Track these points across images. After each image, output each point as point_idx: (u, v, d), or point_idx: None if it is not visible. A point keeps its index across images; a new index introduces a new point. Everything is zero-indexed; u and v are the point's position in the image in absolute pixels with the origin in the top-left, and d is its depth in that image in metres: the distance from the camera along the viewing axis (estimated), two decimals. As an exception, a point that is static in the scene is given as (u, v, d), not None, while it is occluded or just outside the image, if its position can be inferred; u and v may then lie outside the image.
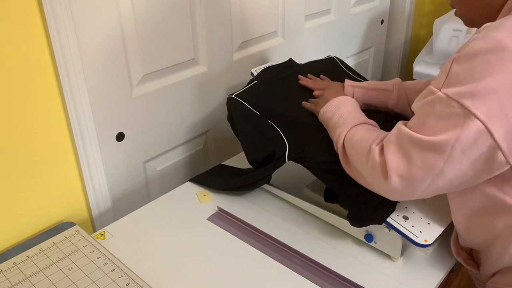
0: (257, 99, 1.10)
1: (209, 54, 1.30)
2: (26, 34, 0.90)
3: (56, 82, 0.97)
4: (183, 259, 0.93)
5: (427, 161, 0.71)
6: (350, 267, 0.91)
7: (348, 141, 0.88)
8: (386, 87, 1.08)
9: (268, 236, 0.99)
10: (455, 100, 0.68)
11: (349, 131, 0.89)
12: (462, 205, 0.80)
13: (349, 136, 0.88)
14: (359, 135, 0.87)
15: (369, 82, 1.11)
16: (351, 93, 1.08)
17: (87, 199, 1.11)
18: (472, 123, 0.66)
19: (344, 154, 0.89)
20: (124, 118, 1.14)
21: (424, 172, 0.72)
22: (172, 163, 1.33)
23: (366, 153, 0.81)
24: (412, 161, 0.73)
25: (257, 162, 1.05)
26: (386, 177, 0.76)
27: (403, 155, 0.74)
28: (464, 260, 0.89)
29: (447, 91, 0.69)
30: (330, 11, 1.72)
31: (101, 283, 0.85)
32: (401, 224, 0.88)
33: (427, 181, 0.73)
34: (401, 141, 0.75)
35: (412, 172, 0.73)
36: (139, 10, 1.09)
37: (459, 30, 1.64)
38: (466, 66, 0.68)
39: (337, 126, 0.93)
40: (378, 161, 0.78)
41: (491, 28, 0.68)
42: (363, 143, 0.83)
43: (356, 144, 0.85)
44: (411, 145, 0.73)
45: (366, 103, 1.10)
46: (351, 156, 0.87)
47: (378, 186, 0.80)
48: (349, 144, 0.88)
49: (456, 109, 0.68)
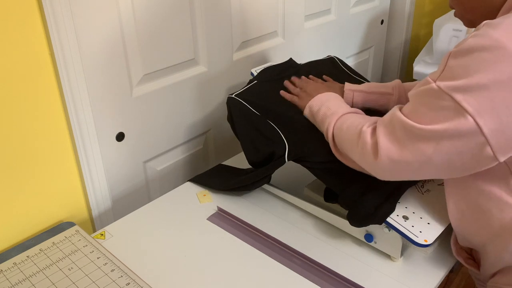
0: (257, 99, 1.10)
1: (209, 54, 1.30)
2: (26, 34, 0.90)
3: (56, 82, 0.97)
4: (183, 259, 0.93)
5: (417, 147, 0.74)
6: (350, 267, 0.91)
7: (337, 129, 0.91)
8: (386, 90, 1.08)
9: (268, 236, 0.99)
10: (447, 93, 0.69)
11: (339, 119, 0.92)
12: (459, 201, 0.81)
13: (339, 124, 0.91)
14: (350, 122, 0.89)
15: (368, 85, 1.10)
16: (350, 98, 1.08)
17: (87, 199, 1.11)
18: (462, 117, 0.68)
19: (334, 143, 0.92)
20: (124, 118, 1.14)
21: (413, 157, 0.75)
22: (172, 163, 1.33)
23: (357, 135, 0.84)
24: (403, 145, 0.76)
25: (257, 162, 1.05)
26: (376, 157, 0.79)
27: (394, 139, 0.77)
28: (464, 259, 0.89)
29: (440, 84, 0.71)
30: (330, 11, 1.72)
31: (101, 283, 0.85)
32: (401, 224, 0.88)
33: (415, 165, 0.76)
34: (394, 125, 0.77)
35: (402, 155, 0.76)
36: (139, 10, 1.09)
37: (459, 30, 1.64)
38: (461, 61, 0.69)
39: (326, 117, 0.95)
40: (370, 142, 0.81)
41: (490, 26, 0.68)
42: (353, 127, 0.86)
43: (346, 131, 0.88)
44: (403, 130, 0.76)
45: (366, 107, 1.09)
46: (341, 143, 0.90)
47: (368, 166, 0.83)
48: (339, 131, 0.90)
49: (447, 102, 0.69)
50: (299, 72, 1.21)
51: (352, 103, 1.09)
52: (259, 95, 1.12)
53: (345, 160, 0.92)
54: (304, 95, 1.06)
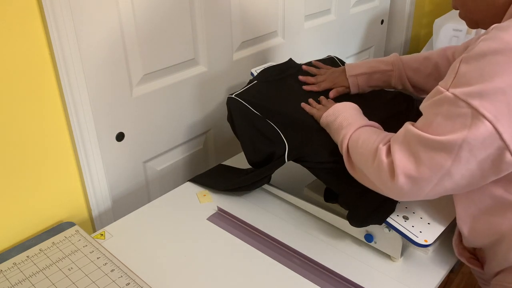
0: (257, 99, 1.10)
1: (209, 54, 1.30)
2: (26, 34, 0.90)
3: (56, 82, 0.97)
4: (183, 259, 0.93)
5: (435, 161, 0.71)
6: (350, 267, 0.91)
7: (353, 142, 0.88)
8: (386, 67, 1.11)
9: (268, 236, 0.99)
10: (463, 100, 0.68)
11: (354, 132, 0.89)
12: (469, 206, 0.80)
13: (354, 137, 0.88)
14: (365, 137, 0.86)
15: (368, 65, 1.12)
16: (356, 83, 1.11)
17: (87, 199, 1.11)
18: (480, 123, 0.66)
19: (348, 156, 0.89)
20: (124, 118, 1.14)
21: (432, 172, 0.72)
22: (172, 163, 1.33)
23: (372, 153, 0.81)
24: (420, 160, 0.73)
25: (256, 162, 1.05)
26: (393, 177, 0.76)
27: (410, 155, 0.74)
28: (467, 259, 0.88)
29: (455, 91, 0.69)
30: (330, 11, 1.72)
31: (101, 283, 0.85)
32: (401, 224, 0.88)
33: (434, 181, 0.73)
34: (409, 141, 0.75)
35: (419, 172, 0.73)
36: (139, 10, 1.09)
37: (459, 30, 1.64)
38: (474, 66, 0.68)
39: (341, 128, 0.92)
40: (385, 161, 0.77)
41: (500, 29, 0.68)
42: (369, 144, 0.83)
43: (361, 146, 0.85)
44: (419, 145, 0.73)
45: (371, 86, 1.13)
46: (356, 158, 0.86)
47: (384, 186, 0.79)
48: (354, 146, 0.87)
49: (464, 109, 0.68)
50: (299, 72, 1.21)
51: (358, 87, 1.12)
52: (259, 95, 1.12)
53: (357, 175, 0.88)
54: (322, 107, 1.04)
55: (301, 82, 1.20)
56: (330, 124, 0.97)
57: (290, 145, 1.00)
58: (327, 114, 0.98)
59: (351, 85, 1.12)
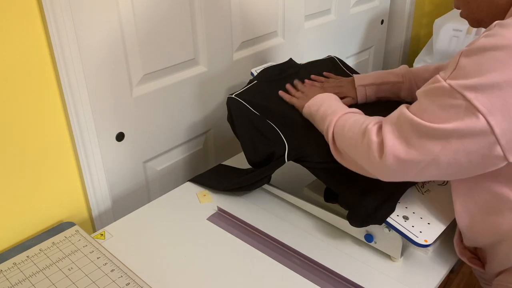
0: (257, 99, 1.10)
1: (209, 54, 1.30)
2: (26, 34, 0.90)
3: (56, 82, 0.97)
4: (183, 259, 0.93)
5: (424, 146, 0.73)
6: (350, 267, 0.91)
7: (339, 128, 0.89)
8: (396, 79, 1.09)
9: (268, 236, 0.99)
10: (459, 91, 0.69)
11: (340, 118, 0.90)
12: (467, 203, 0.80)
13: (340, 123, 0.89)
14: (352, 121, 0.87)
15: (378, 76, 1.11)
16: (364, 93, 1.10)
17: (87, 199, 1.11)
18: (473, 116, 0.67)
19: (333, 142, 0.90)
20: (124, 118, 1.14)
21: (420, 156, 0.74)
22: (172, 163, 1.33)
23: (361, 134, 0.83)
24: (410, 144, 0.74)
25: (256, 162, 1.05)
26: (381, 156, 0.78)
27: (401, 137, 0.76)
28: (468, 259, 0.88)
29: (451, 82, 0.70)
30: (330, 11, 1.72)
31: (101, 283, 0.85)
32: (401, 224, 0.88)
33: (421, 165, 0.75)
34: (402, 123, 0.76)
35: (408, 154, 0.75)
36: (139, 10, 1.09)
37: (459, 30, 1.64)
38: (474, 60, 0.69)
39: (326, 115, 0.94)
40: (375, 140, 0.79)
41: (502, 26, 0.69)
42: (357, 126, 0.85)
43: (349, 129, 0.86)
44: (411, 129, 0.74)
45: (379, 97, 1.12)
46: (344, 141, 0.87)
47: (371, 165, 0.81)
48: (340, 131, 0.88)
49: (458, 101, 0.69)
50: (299, 72, 1.21)
51: (366, 97, 1.11)
52: (259, 95, 1.12)
53: (344, 161, 0.90)
54: (303, 96, 1.06)
55: (301, 81, 1.20)
56: (313, 114, 0.98)
57: (290, 145, 1.00)
58: (310, 104, 0.99)
59: (358, 95, 1.11)
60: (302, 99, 1.05)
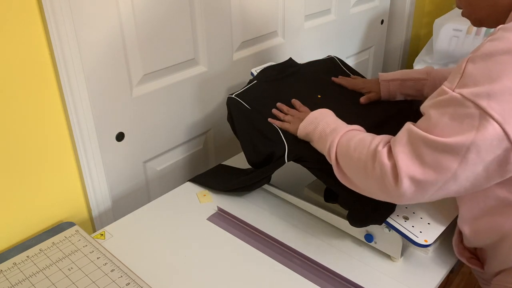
0: (257, 99, 1.10)
1: (209, 54, 1.30)
2: (26, 34, 0.90)
3: (56, 82, 0.97)
4: (183, 259, 0.93)
5: (441, 163, 0.69)
6: (350, 267, 0.91)
7: (342, 148, 0.84)
8: (420, 76, 1.09)
9: (268, 236, 0.99)
10: (471, 100, 0.66)
11: (342, 138, 0.85)
12: (473, 207, 0.79)
13: (343, 143, 0.84)
14: (356, 141, 0.82)
15: (402, 72, 1.11)
16: (387, 88, 1.09)
17: (87, 199, 1.11)
18: (488, 124, 0.65)
19: (337, 164, 0.85)
20: (124, 118, 1.14)
21: (437, 174, 0.70)
22: (172, 163, 1.33)
23: (371, 157, 0.77)
24: (425, 163, 0.70)
25: (256, 162, 1.05)
26: (396, 180, 0.73)
27: (415, 157, 0.72)
28: (467, 259, 0.88)
29: (462, 91, 0.67)
30: (330, 11, 1.72)
31: (101, 283, 0.85)
32: (401, 224, 0.88)
33: (439, 184, 0.71)
34: (413, 142, 0.72)
35: (424, 174, 0.71)
36: (139, 10, 1.09)
37: (459, 30, 1.64)
38: (481, 66, 0.67)
39: (325, 135, 0.89)
40: (388, 164, 0.74)
41: (506, 30, 0.68)
42: (364, 148, 0.79)
43: (355, 150, 0.81)
44: (424, 146, 0.71)
45: (403, 93, 1.10)
46: (349, 164, 0.82)
47: (386, 190, 0.76)
48: (345, 152, 0.83)
49: (471, 110, 0.66)
50: (299, 72, 1.21)
51: (389, 92, 1.10)
52: (259, 95, 1.12)
53: (350, 183, 0.84)
54: (295, 119, 1.01)
55: (301, 81, 1.20)
56: (310, 134, 0.93)
57: (289, 145, 1.00)
58: (305, 124, 0.95)
59: (382, 90, 1.10)
60: (294, 122, 1.00)
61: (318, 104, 1.13)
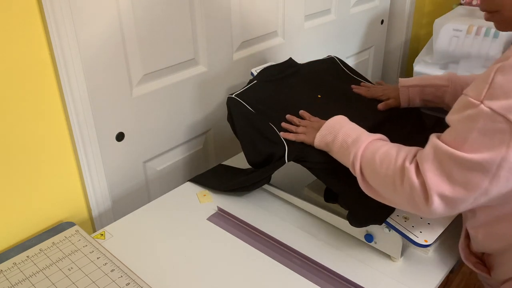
0: (257, 99, 1.10)
1: (209, 54, 1.30)
2: (26, 34, 0.90)
3: (56, 82, 0.97)
4: (183, 259, 0.93)
5: (471, 181, 0.67)
6: (350, 267, 0.91)
7: (367, 161, 0.81)
8: (441, 82, 1.05)
9: (268, 236, 0.99)
10: (502, 115, 0.63)
11: (365, 149, 0.82)
12: (491, 213, 0.77)
13: (367, 156, 0.81)
14: (381, 154, 0.79)
15: (422, 78, 1.08)
16: (407, 94, 1.06)
17: (87, 199, 1.11)
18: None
19: (363, 177, 0.82)
20: (124, 118, 1.14)
21: (467, 191, 0.68)
22: (172, 163, 1.32)
23: (399, 174, 0.75)
24: (454, 180, 0.69)
25: (256, 162, 1.05)
26: (427, 199, 0.71)
27: (443, 174, 0.70)
28: (473, 264, 0.87)
29: (491, 105, 0.64)
30: (330, 11, 1.72)
31: (101, 283, 0.85)
32: (401, 224, 0.88)
33: (470, 200, 0.69)
34: (441, 159, 0.70)
35: (454, 192, 0.69)
36: (139, 10, 1.09)
37: (459, 30, 1.64)
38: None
39: (346, 147, 0.86)
40: (417, 182, 0.72)
41: None
42: (391, 163, 0.77)
43: (381, 165, 0.78)
44: (452, 164, 0.68)
45: (423, 99, 1.07)
46: (376, 178, 0.80)
47: (416, 208, 0.74)
48: (370, 165, 0.80)
49: (502, 125, 0.63)
50: (299, 72, 1.21)
51: (409, 99, 1.08)
52: (259, 95, 1.12)
53: (376, 195, 0.82)
54: (309, 129, 0.97)
55: (301, 81, 1.20)
56: (330, 144, 0.91)
57: (289, 146, 1.00)
58: (322, 134, 0.92)
59: (401, 97, 1.08)
60: (309, 133, 0.96)
61: (318, 104, 1.13)
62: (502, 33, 1.55)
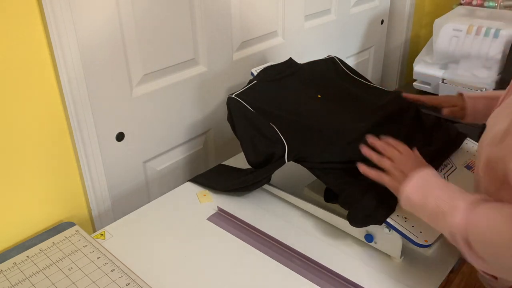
0: (256, 99, 1.10)
1: (209, 54, 1.30)
2: (26, 34, 0.90)
3: (56, 82, 0.97)
4: (183, 259, 0.93)
5: None
6: (350, 267, 0.91)
7: (473, 230, 0.72)
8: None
9: (268, 236, 0.99)
10: None
11: (469, 217, 0.73)
12: None
13: (473, 224, 0.73)
14: (487, 220, 0.72)
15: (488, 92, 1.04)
16: (473, 105, 1.03)
17: (87, 199, 1.11)
18: None
19: (469, 248, 0.73)
20: (124, 118, 1.14)
21: None
22: (172, 163, 1.32)
23: None
24: None
25: (256, 162, 1.05)
26: None
27: None
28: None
29: None
30: (330, 11, 1.72)
31: (101, 283, 0.85)
32: (401, 224, 0.88)
33: None
34: None
35: None
36: (139, 10, 1.09)
37: (459, 30, 1.64)
38: None
39: (442, 213, 0.76)
40: None
41: None
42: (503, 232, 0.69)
43: (491, 233, 0.71)
44: None
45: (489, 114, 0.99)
46: (491, 251, 0.72)
47: None
48: (480, 237, 0.72)
49: None
50: (299, 72, 1.21)
51: (474, 110, 1.04)
52: (259, 95, 1.12)
53: (490, 268, 0.74)
54: (397, 171, 0.84)
55: (301, 81, 1.20)
56: (418, 209, 0.81)
57: (289, 146, 1.00)
58: (409, 193, 0.80)
59: (469, 108, 1.03)
60: (395, 176, 0.84)
61: (318, 104, 1.13)
62: (502, 33, 1.55)
